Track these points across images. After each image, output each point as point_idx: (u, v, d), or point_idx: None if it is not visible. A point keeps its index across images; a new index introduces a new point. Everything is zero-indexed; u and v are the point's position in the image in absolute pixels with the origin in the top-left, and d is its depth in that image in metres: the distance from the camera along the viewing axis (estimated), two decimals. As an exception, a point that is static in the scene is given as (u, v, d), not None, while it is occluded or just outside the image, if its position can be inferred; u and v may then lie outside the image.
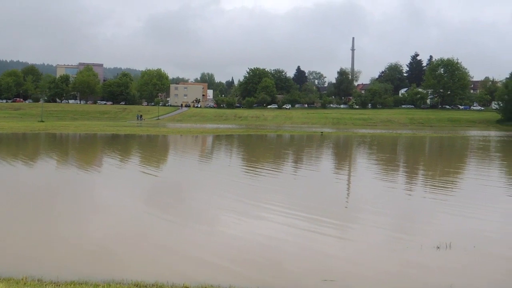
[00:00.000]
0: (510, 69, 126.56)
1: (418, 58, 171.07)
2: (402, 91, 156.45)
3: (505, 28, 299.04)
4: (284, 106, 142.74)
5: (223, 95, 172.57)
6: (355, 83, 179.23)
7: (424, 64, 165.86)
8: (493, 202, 15.69)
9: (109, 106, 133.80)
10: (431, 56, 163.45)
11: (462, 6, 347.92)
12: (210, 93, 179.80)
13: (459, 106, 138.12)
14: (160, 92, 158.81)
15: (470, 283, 8.24)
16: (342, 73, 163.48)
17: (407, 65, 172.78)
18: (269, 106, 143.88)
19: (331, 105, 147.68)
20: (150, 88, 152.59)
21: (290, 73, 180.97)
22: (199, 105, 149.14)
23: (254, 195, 16.04)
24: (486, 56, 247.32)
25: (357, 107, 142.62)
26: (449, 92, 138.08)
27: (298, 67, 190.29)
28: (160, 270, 8.51)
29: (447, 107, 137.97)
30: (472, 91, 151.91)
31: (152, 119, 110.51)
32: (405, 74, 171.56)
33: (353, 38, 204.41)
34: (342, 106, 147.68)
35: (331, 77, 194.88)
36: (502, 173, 25.25)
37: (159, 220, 12.35)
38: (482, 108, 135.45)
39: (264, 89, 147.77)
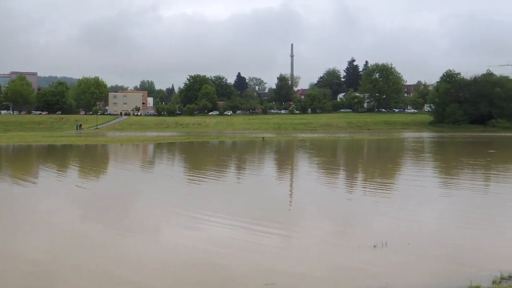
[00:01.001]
0: (440, 73, 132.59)
1: (355, 63, 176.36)
2: (340, 95, 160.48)
3: (433, 34, 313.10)
4: (225, 113, 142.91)
5: (163, 103, 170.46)
6: (295, 89, 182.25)
7: (361, 69, 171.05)
8: (427, 202, 16.46)
9: (45, 116, 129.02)
10: (366, 62, 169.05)
11: (393, 14, 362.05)
12: (150, 100, 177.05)
13: (394, 109, 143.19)
14: (98, 101, 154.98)
15: (404, 280, 8.59)
16: (282, 79, 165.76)
17: (344, 71, 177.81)
18: (210, 113, 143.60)
19: (272, 110, 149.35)
20: (87, 97, 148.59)
21: (231, 79, 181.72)
22: (139, 113, 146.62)
23: (195, 204, 15.98)
24: (418, 61, 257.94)
25: (297, 112, 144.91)
26: (384, 96, 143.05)
27: (239, 73, 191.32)
28: (99, 284, 8.36)
29: (383, 110, 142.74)
30: (406, 95, 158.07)
31: (90, 128, 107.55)
32: (342, 79, 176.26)
33: (292, 44, 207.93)
34: (282, 111, 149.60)
35: (271, 83, 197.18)
36: (435, 174, 26.45)
37: (96, 233, 12.06)
38: (416, 110, 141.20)
39: (205, 95, 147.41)
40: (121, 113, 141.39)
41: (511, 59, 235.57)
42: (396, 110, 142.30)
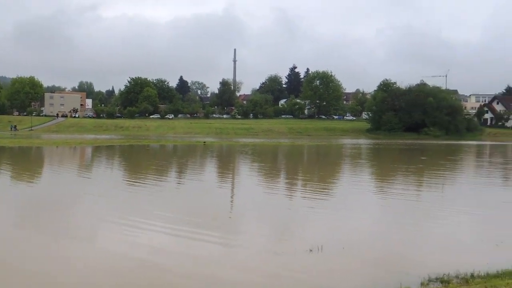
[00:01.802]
0: (377, 82, 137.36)
1: (296, 70, 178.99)
2: (282, 101, 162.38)
3: (371, 44, 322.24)
4: (167, 116, 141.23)
5: (103, 105, 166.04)
6: (237, 94, 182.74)
7: (302, 76, 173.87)
8: (361, 208, 17.08)
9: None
10: (308, 69, 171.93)
11: (332, 23, 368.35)
12: (89, 102, 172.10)
13: (333, 116, 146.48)
14: (34, 101, 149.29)
15: (338, 283, 8.92)
16: (224, 84, 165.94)
17: (286, 77, 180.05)
18: (151, 116, 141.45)
19: (214, 115, 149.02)
20: (22, 97, 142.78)
21: (173, 83, 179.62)
22: (77, 115, 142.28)
23: (132, 211, 15.79)
24: (356, 70, 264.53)
25: (239, 117, 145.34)
26: (324, 103, 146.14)
27: (181, 77, 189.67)
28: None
29: (323, 117, 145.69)
30: (345, 102, 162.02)
31: (24, 129, 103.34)
32: (284, 86, 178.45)
33: (235, 49, 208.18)
34: (224, 116, 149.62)
35: (213, 87, 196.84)
36: (370, 180, 27.39)
37: (26, 242, 11.64)
38: (354, 118, 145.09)
39: (146, 98, 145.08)
40: (57, 114, 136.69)
41: (442, 70, 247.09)
42: (336, 117, 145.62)
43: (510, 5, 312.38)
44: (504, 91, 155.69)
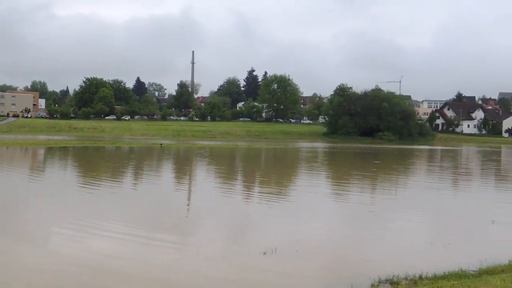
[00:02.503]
0: (334, 86, 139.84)
1: (254, 73, 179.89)
2: (240, 104, 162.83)
3: (327, 49, 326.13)
4: (123, 118, 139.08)
5: (56, 105, 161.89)
6: (195, 96, 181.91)
7: (260, 79, 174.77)
8: (316, 211, 17.30)
9: None
10: (265, 72, 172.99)
11: (289, 27, 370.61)
12: (42, 102, 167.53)
13: (291, 119, 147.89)
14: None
15: (291, 285, 9.00)
16: (182, 86, 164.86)
17: (244, 80, 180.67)
18: (107, 117, 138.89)
19: (172, 117, 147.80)
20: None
21: (130, 84, 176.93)
22: (29, 115, 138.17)
23: (86, 214, 15.47)
24: (313, 74, 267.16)
25: (197, 119, 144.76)
26: (282, 107, 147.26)
27: (138, 78, 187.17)
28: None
29: (280, 120, 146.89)
30: (302, 106, 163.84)
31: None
32: (242, 88, 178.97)
33: (193, 51, 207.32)
34: (182, 118, 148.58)
35: (171, 89, 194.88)
36: (325, 183, 27.81)
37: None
38: (311, 121, 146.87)
39: (101, 99, 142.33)
40: (8, 114, 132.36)
41: (396, 76, 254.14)
42: (293, 121, 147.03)
43: (461, 15, 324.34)
44: (455, 98, 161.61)
